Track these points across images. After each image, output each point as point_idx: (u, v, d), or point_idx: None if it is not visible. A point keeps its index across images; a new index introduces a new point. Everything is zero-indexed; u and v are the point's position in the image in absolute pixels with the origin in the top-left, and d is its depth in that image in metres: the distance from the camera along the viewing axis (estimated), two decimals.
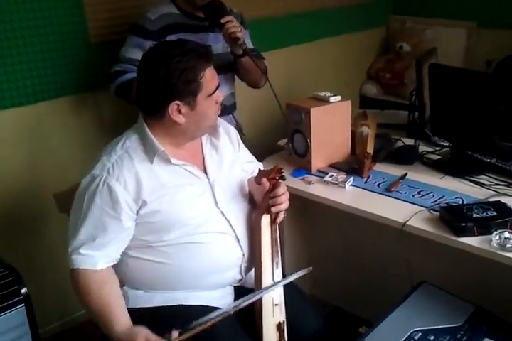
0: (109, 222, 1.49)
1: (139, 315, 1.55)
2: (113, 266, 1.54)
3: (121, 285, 1.58)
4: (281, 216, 1.65)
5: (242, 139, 1.85)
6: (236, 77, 2.31)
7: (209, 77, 1.49)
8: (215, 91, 1.52)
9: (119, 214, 1.48)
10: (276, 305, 1.54)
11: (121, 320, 1.45)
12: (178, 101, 1.47)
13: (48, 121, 2.29)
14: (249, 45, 2.29)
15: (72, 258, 1.49)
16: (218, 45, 2.16)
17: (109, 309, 1.46)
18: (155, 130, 1.53)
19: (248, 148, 1.88)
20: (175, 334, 1.37)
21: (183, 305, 1.56)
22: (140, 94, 1.54)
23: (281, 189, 1.63)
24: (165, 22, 2.07)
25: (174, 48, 1.48)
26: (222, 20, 1.99)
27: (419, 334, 1.58)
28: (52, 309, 2.42)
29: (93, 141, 2.39)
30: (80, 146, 2.38)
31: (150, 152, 1.52)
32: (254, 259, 1.63)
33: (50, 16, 2.17)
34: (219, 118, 1.70)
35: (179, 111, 1.48)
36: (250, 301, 1.50)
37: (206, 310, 1.49)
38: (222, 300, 1.61)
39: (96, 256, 1.49)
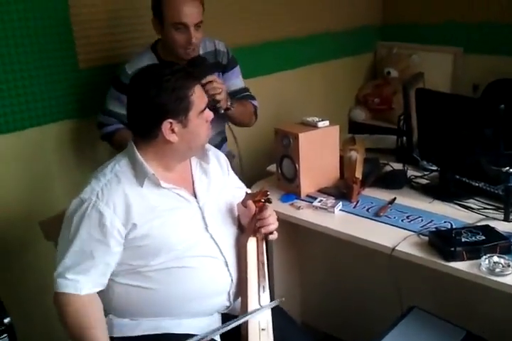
0: (97, 246, 1.47)
1: None
2: (99, 293, 1.52)
3: (107, 313, 1.56)
4: (275, 235, 1.65)
5: (232, 164, 1.85)
6: None
7: (199, 94, 1.52)
8: (205, 108, 1.55)
9: (108, 239, 1.47)
10: (263, 329, 1.51)
11: None
12: (171, 120, 1.48)
13: (36, 147, 2.28)
14: (239, 83, 2.33)
15: (57, 281, 1.48)
16: None
17: (90, 331, 1.44)
18: (145, 153, 1.54)
19: (238, 174, 1.88)
20: None
21: (168, 333, 1.54)
22: (132, 116, 1.56)
23: (268, 211, 1.64)
24: None
25: (163, 68, 1.52)
26: (203, 81, 1.95)
27: None
28: (37, 339, 2.37)
29: (82, 167, 2.38)
30: (69, 173, 2.36)
31: (140, 176, 1.52)
32: (240, 283, 1.62)
33: (38, 42, 2.18)
34: (208, 144, 1.71)
35: (172, 130, 1.50)
36: (234, 325, 1.49)
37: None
38: (208, 328, 1.58)
39: (80, 280, 1.47)
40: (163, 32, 2.08)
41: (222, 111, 2.04)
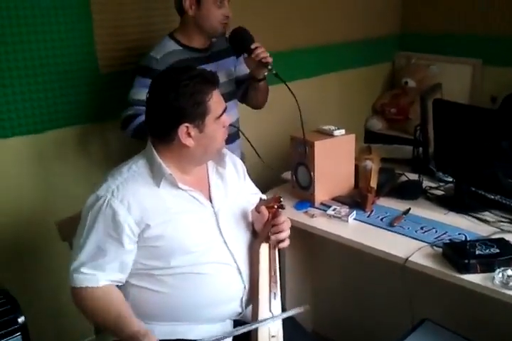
0: (111, 243, 1.49)
1: None
2: None
3: None
4: (286, 242, 1.65)
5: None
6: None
7: (216, 99, 1.53)
8: (222, 114, 1.56)
9: (121, 236, 1.48)
10: (273, 336, 1.51)
11: (134, 324, 1.44)
12: (187, 124, 1.49)
13: (55, 150, 2.31)
14: (246, 70, 2.38)
15: (73, 277, 1.49)
16: (222, 73, 2.23)
17: (120, 319, 1.45)
18: (163, 155, 1.55)
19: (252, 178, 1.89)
20: None
21: (182, 339, 1.54)
22: (150, 119, 1.57)
23: (282, 217, 1.64)
24: (171, 60, 2.12)
25: (182, 73, 1.52)
26: (252, 46, 2.10)
27: None
28: (50, 338, 2.39)
29: (99, 171, 2.40)
30: (85, 176, 2.39)
31: (157, 176, 1.54)
32: (251, 290, 1.62)
33: (61, 47, 2.21)
34: (225, 149, 1.72)
35: (188, 134, 1.51)
36: (246, 330, 1.48)
37: None
38: (220, 331, 1.57)
39: (97, 274, 1.49)
40: (198, 12, 2.12)
41: (275, 72, 2.11)
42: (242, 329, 1.48)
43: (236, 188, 1.74)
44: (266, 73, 2.18)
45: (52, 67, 2.21)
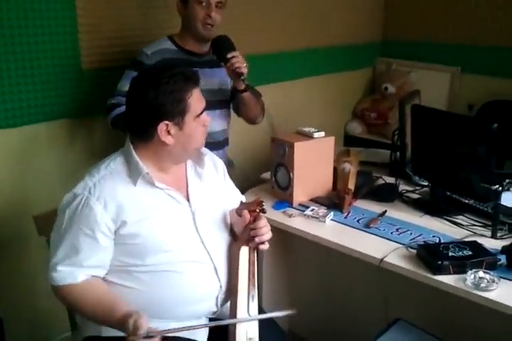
0: (86, 241, 1.49)
1: None
2: None
3: None
4: (266, 245, 1.66)
5: (230, 172, 1.88)
6: (233, 113, 2.39)
7: (196, 97, 1.54)
8: (202, 112, 1.57)
9: (96, 234, 1.49)
10: (250, 339, 1.51)
11: (117, 310, 1.44)
12: (167, 122, 1.50)
13: (35, 144, 2.29)
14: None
15: (52, 275, 1.50)
16: (214, 81, 2.23)
17: (104, 307, 1.47)
18: (141, 153, 1.56)
19: (234, 180, 1.90)
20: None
21: None
22: (129, 116, 1.58)
23: (263, 221, 1.65)
24: (161, 56, 2.15)
25: (162, 71, 1.53)
26: (228, 55, 2.09)
27: None
28: (26, 335, 2.37)
29: (80, 166, 2.38)
30: (66, 170, 2.38)
31: (134, 174, 1.54)
32: (230, 291, 1.63)
33: (43, 42, 2.20)
34: (205, 149, 1.73)
35: (168, 132, 1.52)
36: (224, 323, 1.50)
37: None
38: (196, 332, 1.59)
39: (74, 272, 1.50)
40: (185, 11, 2.17)
41: (247, 83, 2.12)
42: (221, 322, 1.49)
43: (215, 188, 1.74)
44: (247, 83, 2.15)
45: (35, 62, 2.20)
